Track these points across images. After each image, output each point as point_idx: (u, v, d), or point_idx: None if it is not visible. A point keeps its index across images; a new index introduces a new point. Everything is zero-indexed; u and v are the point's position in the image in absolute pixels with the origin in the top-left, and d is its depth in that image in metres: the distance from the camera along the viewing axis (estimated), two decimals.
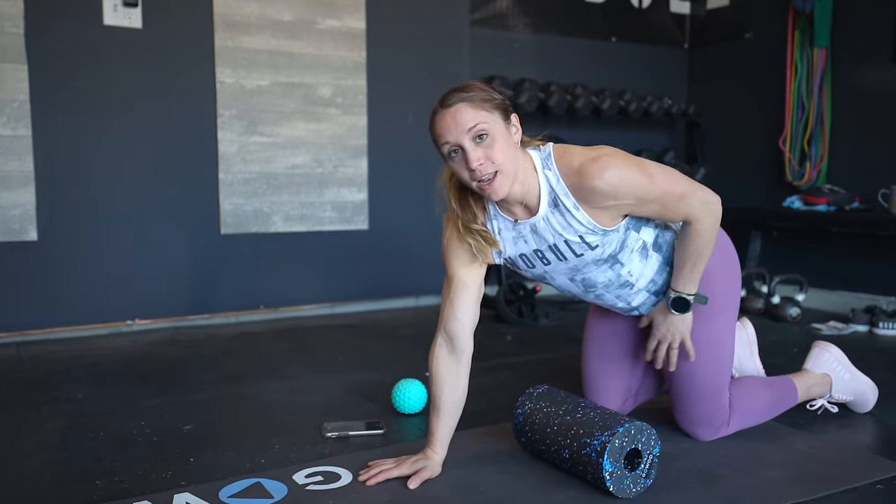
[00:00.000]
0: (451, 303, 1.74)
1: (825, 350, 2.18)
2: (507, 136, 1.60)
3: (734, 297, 1.94)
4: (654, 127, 4.79)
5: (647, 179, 1.65)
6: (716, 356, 1.90)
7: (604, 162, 1.61)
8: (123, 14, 3.18)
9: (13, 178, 3.04)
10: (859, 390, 2.17)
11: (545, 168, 1.66)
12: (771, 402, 2.02)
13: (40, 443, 1.99)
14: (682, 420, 1.97)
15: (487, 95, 1.59)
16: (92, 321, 3.27)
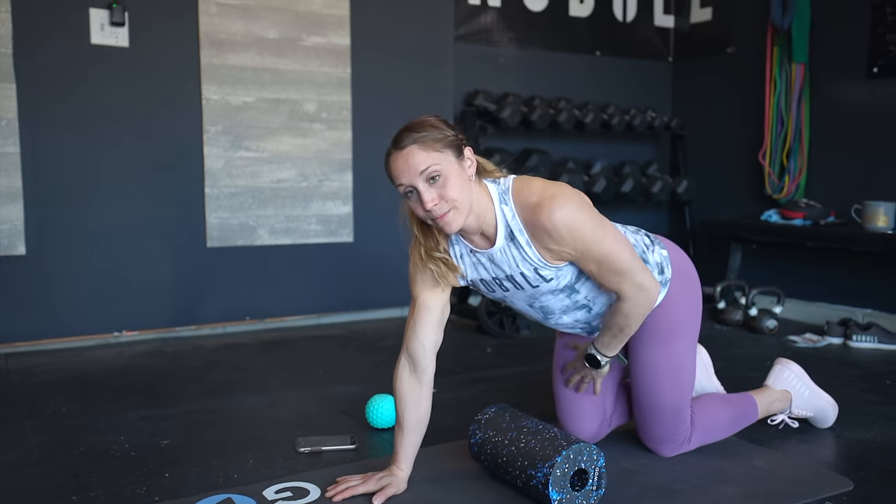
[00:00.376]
0: (413, 325, 1.78)
1: (786, 367, 2.24)
2: (460, 172, 1.62)
3: (695, 319, 1.98)
4: (637, 140, 4.86)
5: (595, 235, 1.66)
6: (675, 377, 1.94)
7: (559, 202, 1.63)
8: (110, 33, 3.25)
9: (2, 195, 3.11)
10: (819, 406, 2.23)
11: (502, 203, 1.69)
12: (731, 418, 2.07)
13: (20, 458, 2.05)
14: (644, 437, 2.02)
15: (440, 134, 1.61)
16: (80, 333, 3.33)
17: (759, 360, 3.16)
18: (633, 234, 1.92)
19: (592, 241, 1.66)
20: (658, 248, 1.92)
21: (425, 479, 1.87)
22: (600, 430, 2.07)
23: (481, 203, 1.68)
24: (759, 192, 4.36)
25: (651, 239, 1.94)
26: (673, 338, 1.93)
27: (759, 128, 4.33)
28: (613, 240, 1.69)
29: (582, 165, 4.46)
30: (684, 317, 1.95)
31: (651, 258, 1.88)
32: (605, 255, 1.67)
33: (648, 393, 1.95)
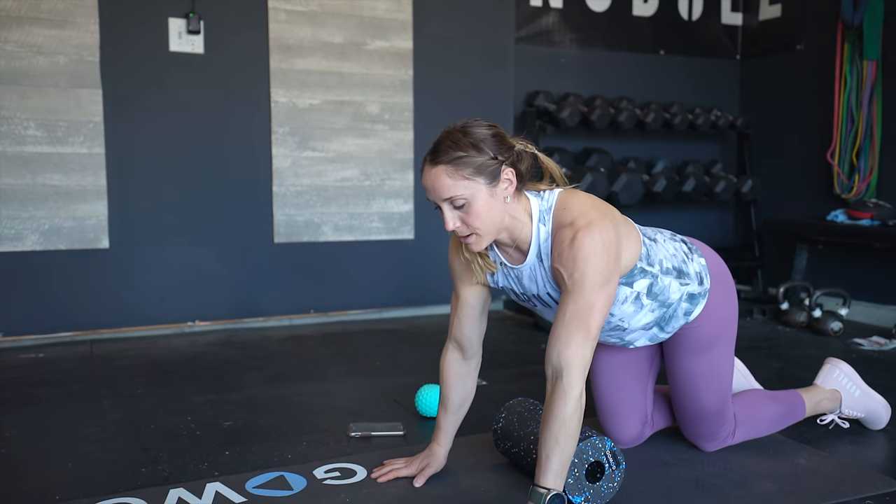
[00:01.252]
0: (458, 319, 1.84)
1: (835, 366, 2.20)
2: (489, 199, 1.57)
3: (732, 325, 1.95)
4: (701, 139, 4.81)
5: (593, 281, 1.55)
6: (715, 383, 1.93)
7: (590, 230, 1.56)
8: (187, 41, 3.45)
9: (88, 192, 3.35)
10: (871, 407, 2.19)
11: (541, 221, 1.65)
12: (777, 414, 2.06)
13: (98, 432, 2.23)
14: (687, 434, 2.04)
15: (476, 159, 1.55)
16: (156, 322, 3.55)
17: (818, 361, 3.07)
18: (671, 240, 1.88)
19: (581, 275, 1.55)
20: (697, 256, 1.89)
21: (467, 465, 1.95)
22: (642, 432, 2.06)
23: (517, 221, 1.65)
24: (827, 192, 4.25)
25: (689, 246, 1.91)
26: (712, 348, 1.92)
27: (827, 126, 4.23)
28: (601, 298, 1.56)
29: (643, 165, 4.45)
30: (722, 326, 1.92)
31: (691, 268, 1.85)
32: (589, 300, 1.55)
33: (689, 399, 1.96)
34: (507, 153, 1.60)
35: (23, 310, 3.30)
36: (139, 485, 1.85)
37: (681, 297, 1.82)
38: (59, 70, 3.25)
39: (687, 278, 1.82)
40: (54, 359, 3.11)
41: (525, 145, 1.66)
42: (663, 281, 1.79)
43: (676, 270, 1.81)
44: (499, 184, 1.58)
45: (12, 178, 3.23)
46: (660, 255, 1.79)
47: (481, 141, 1.57)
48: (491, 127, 1.61)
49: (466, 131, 1.59)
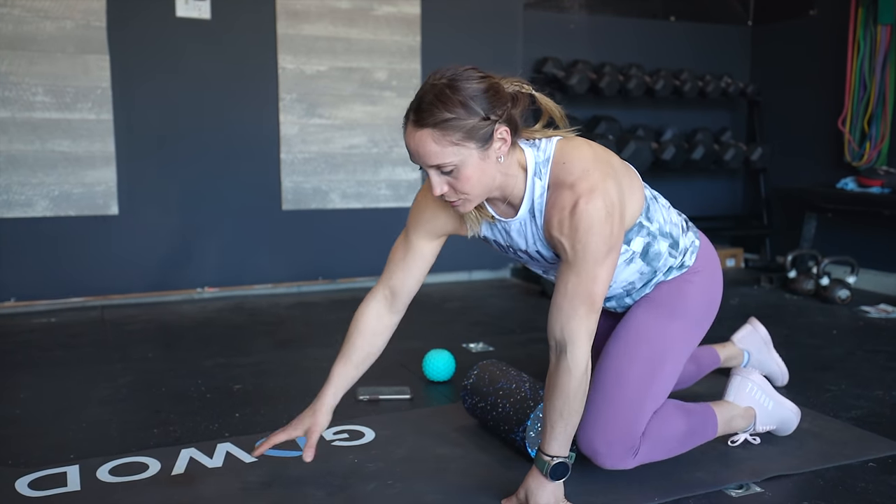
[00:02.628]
0: (405, 265, 1.65)
1: (746, 379, 1.88)
2: (481, 162, 1.41)
3: (703, 315, 1.75)
4: (711, 106, 4.76)
5: (597, 250, 1.43)
6: (654, 360, 1.65)
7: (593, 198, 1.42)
8: (194, 6, 3.43)
9: (97, 158, 3.36)
10: (783, 417, 1.91)
11: (536, 175, 1.49)
12: (687, 431, 1.72)
13: (111, 394, 2.27)
14: (588, 432, 1.62)
15: (466, 122, 1.37)
16: (166, 288, 3.58)
17: (826, 329, 3.11)
18: (673, 210, 1.76)
19: (583, 248, 1.43)
20: (692, 233, 1.76)
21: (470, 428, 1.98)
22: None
23: (510, 177, 1.49)
24: (837, 160, 4.22)
25: (688, 224, 1.78)
26: (670, 315, 1.69)
27: (839, 93, 4.18)
28: (604, 267, 1.45)
29: (652, 133, 4.42)
30: (694, 304, 1.72)
31: (682, 241, 1.70)
32: (592, 272, 1.44)
33: (616, 363, 1.66)
34: (501, 108, 1.40)
35: (34, 275, 3.34)
36: (151, 445, 1.89)
37: (663, 266, 1.69)
38: (67, 35, 3.25)
39: (675, 249, 1.68)
40: (66, 323, 3.15)
41: (521, 85, 1.48)
42: (659, 244, 1.65)
43: (671, 238, 1.67)
44: (492, 145, 1.41)
45: (22, 144, 3.24)
46: (658, 215, 1.65)
47: (472, 98, 1.37)
48: (483, 79, 1.41)
49: (455, 86, 1.38)
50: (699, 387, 2.26)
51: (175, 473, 1.72)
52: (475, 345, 2.82)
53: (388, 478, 1.70)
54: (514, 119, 1.45)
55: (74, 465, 1.74)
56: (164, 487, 1.65)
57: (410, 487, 1.66)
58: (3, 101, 3.19)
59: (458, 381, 2.39)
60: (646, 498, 1.60)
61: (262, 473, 1.73)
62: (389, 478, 1.70)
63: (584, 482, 1.66)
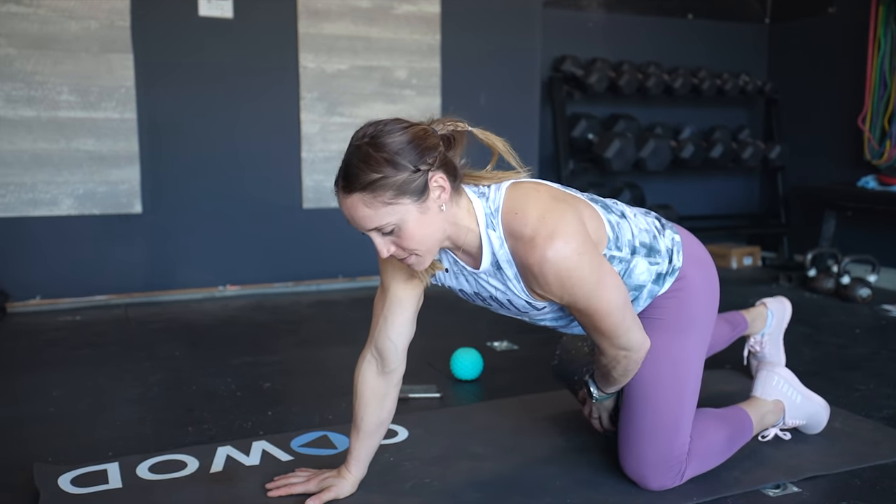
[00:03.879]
0: (384, 319, 1.57)
1: (772, 373, 1.90)
2: (422, 216, 1.35)
3: (707, 317, 1.70)
4: (729, 105, 4.76)
5: (589, 287, 1.39)
6: (679, 380, 1.62)
7: (556, 244, 1.36)
8: (216, 5, 3.45)
9: (121, 157, 3.38)
10: (812, 412, 1.91)
11: (489, 227, 1.42)
12: (727, 440, 1.71)
13: (142, 393, 2.29)
14: (631, 462, 1.64)
15: (393, 178, 1.30)
16: (188, 286, 3.60)
17: (848, 328, 3.11)
18: (644, 215, 1.67)
19: (583, 295, 1.40)
20: (670, 231, 1.66)
21: (507, 427, 1.99)
22: None
23: (460, 228, 1.42)
24: (857, 158, 4.21)
25: (662, 223, 1.68)
26: (681, 332, 1.63)
27: (859, 91, 4.17)
28: (612, 293, 1.42)
29: (670, 131, 4.42)
30: (697, 310, 1.65)
31: (661, 243, 1.61)
32: (595, 310, 1.42)
33: (643, 394, 1.62)
34: (431, 156, 1.33)
35: (59, 273, 3.36)
36: (187, 443, 1.90)
37: (649, 277, 1.59)
38: (91, 35, 3.26)
39: (657, 256, 1.60)
40: (91, 321, 3.17)
41: (455, 125, 1.41)
42: (631, 263, 1.56)
43: (646, 247, 1.58)
44: (429, 195, 1.34)
45: (47, 143, 3.26)
46: (628, 235, 1.56)
47: (397, 153, 1.31)
48: (405, 129, 1.34)
49: (377, 143, 1.32)
50: (730, 387, 2.27)
51: (214, 471, 1.73)
52: (499, 343, 2.83)
53: (425, 476, 1.71)
54: (450, 163, 1.38)
55: (114, 463, 1.76)
56: (205, 485, 1.66)
57: (447, 486, 1.67)
58: (29, 101, 3.21)
59: (485, 380, 2.41)
60: (684, 497, 1.60)
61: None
62: (426, 476, 1.71)
63: (620, 482, 1.67)
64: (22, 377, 2.44)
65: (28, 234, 3.29)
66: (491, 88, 3.99)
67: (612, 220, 1.54)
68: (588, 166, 4.24)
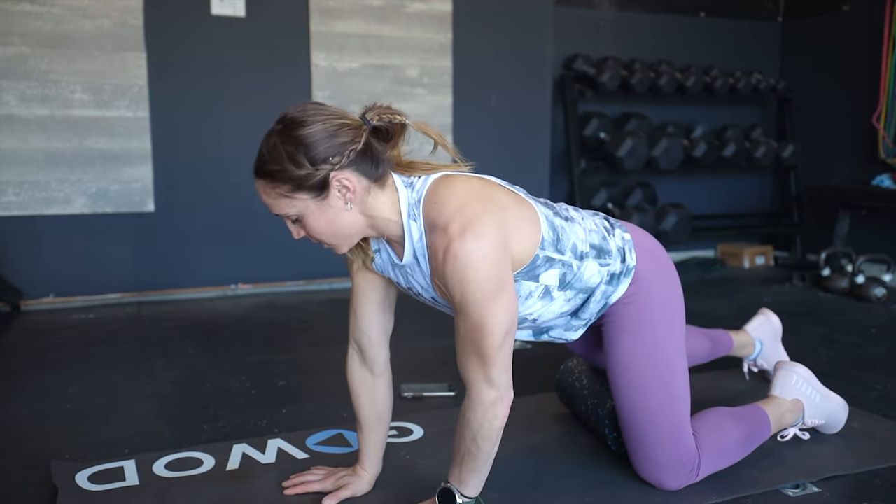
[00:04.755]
0: (353, 312, 1.59)
1: (791, 372, 1.87)
2: (322, 212, 1.35)
3: (673, 308, 1.64)
4: (741, 103, 4.74)
5: (482, 292, 1.32)
6: (666, 379, 1.59)
7: (467, 237, 1.30)
8: (229, 4, 3.45)
9: (134, 156, 3.39)
10: (831, 411, 1.89)
11: (410, 217, 1.39)
12: (743, 438, 1.69)
13: (157, 391, 2.29)
14: (642, 466, 1.63)
15: (288, 174, 1.31)
16: (200, 285, 3.61)
17: (864, 327, 3.09)
18: (592, 216, 1.63)
19: (475, 301, 1.32)
20: (619, 230, 1.62)
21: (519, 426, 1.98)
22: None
23: (380, 220, 1.39)
24: (871, 157, 4.18)
25: (611, 223, 1.64)
26: (649, 327, 1.60)
27: (873, 89, 4.15)
28: (503, 311, 1.33)
29: (682, 129, 4.40)
30: (660, 303, 1.61)
31: (612, 243, 1.58)
32: (481, 323, 1.32)
33: (635, 403, 1.59)
34: (337, 155, 1.30)
35: (72, 271, 3.37)
36: (203, 440, 1.90)
37: (601, 279, 1.56)
38: (104, 34, 3.27)
39: (608, 257, 1.56)
40: (104, 319, 3.18)
41: (391, 116, 1.37)
42: (579, 267, 1.52)
43: (596, 249, 1.54)
44: (329, 193, 1.33)
45: (61, 142, 3.27)
46: (573, 239, 1.51)
47: (301, 146, 1.30)
48: (323, 121, 1.32)
49: (287, 134, 1.32)
50: (742, 385, 2.26)
51: (230, 469, 1.73)
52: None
53: (442, 475, 1.69)
54: (372, 156, 1.34)
55: (130, 460, 1.76)
56: (221, 482, 1.66)
57: None
58: (43, 99, 3.22)
59: None
60: (703, 497, 1.59)
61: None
62: (444, 474, 1.69)
63: (638, 480, 1.66)
64: (37, 375, 2.45)
65: (42, 232, 3.30)
66: (502, 87, 3.98)
67: (555, 222, 1.49)
68: (600, 165, 4.23)
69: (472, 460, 1.41)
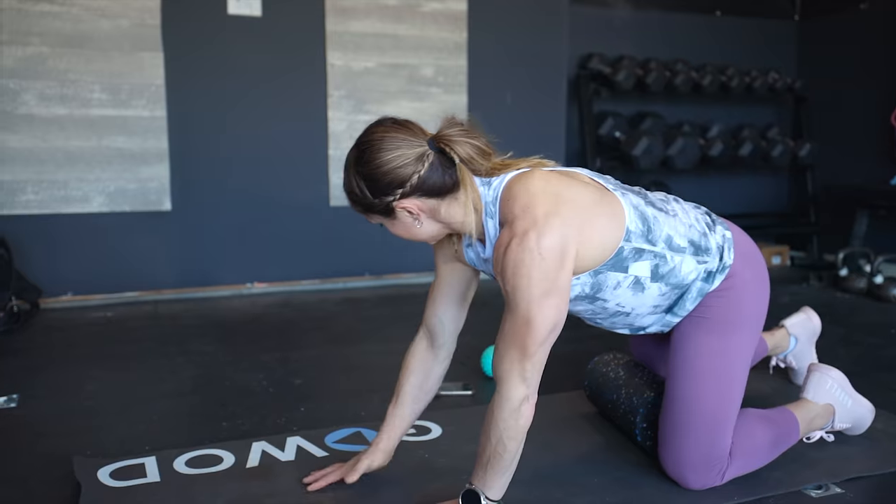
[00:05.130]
0: (433, 299, 1.65)
1: (826, 375, 1.84)
2: (394, 224, 1.45)
3: (758, 316, 1.66)
4: (757, 102, 4.71)
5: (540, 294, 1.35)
6: (723, 378, 1.59)
7: (528, 237, 1.35)
8: (245, 3, 3.46)
9: (151, 155, 3.41)
10: (859, 415, 1.88)
11: (488, 215, 1.45)
12: (773, 442, 1.69)
13: (176, 388, 2.30)
14: (671, 461, 1.62)
15: (360, 199, 1.42)
16: (217, 283, 3.62)
17: (884, 328, 3.07)
18: (694, 209, 1.65)
19: (517, 295, 1.36)
20: (721, 227, 1.63)
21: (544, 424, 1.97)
22: None
23: (455, 223, 1.46)
24: (889, 156, 4.15)
25: (713, 219, 1.66)
26: (730, 331, 1.60)
27: (891, 88, 4.11)
28: (551, 312, 1.36)
29: (698, 129, 4.38)
30: (748, 310, 1.62)
31: (712, 241, 1.59)
32: (525, 315, 1.36)
33: (686, 392, 1.59)
34: (399, 187, 1.37)
35: (90, 270, 3.39)
36: (222, 437, 1.91)
37: (698, 275, 1.57)
38: (122, 33, 3.29)
39: (706, 255, 1.56)
40: (122, 318, 3.20)
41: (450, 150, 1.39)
42: (673, 259, 1.53)
43: (693, 245, 1.55)
44: (396, 216, 1.43)
45: (79, 141, 3.30)
46: (667, 230, 1.52)
47: (364, 180, 1.38)
48: (393, 149, 1.37)
49: (357, 161, 1.40)
50: (766, 387, 2.24)
51: (250, 466, 1.74)
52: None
53: (462, 473, 1.70)
54: (430, 185, 1.39)
55: (151, 457, 1.77)
56: (242, 480, 1.67)
57: None
58: (62, 99, 3.24)
59: None
60: (725, 497, 1.58)
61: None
62: (463, 473, 1.70)
63: (660, 480, 1.65)
64: (58, 372, 2.46)
65: (60, 230, 3.32)
66: (517, 86, 3.97)
67: (646, 213, 1.52)
68: (615, 164, 4.21)
69: (497, 461, 1.42)
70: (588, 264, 1.46)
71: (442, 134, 1.42)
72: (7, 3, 3.13)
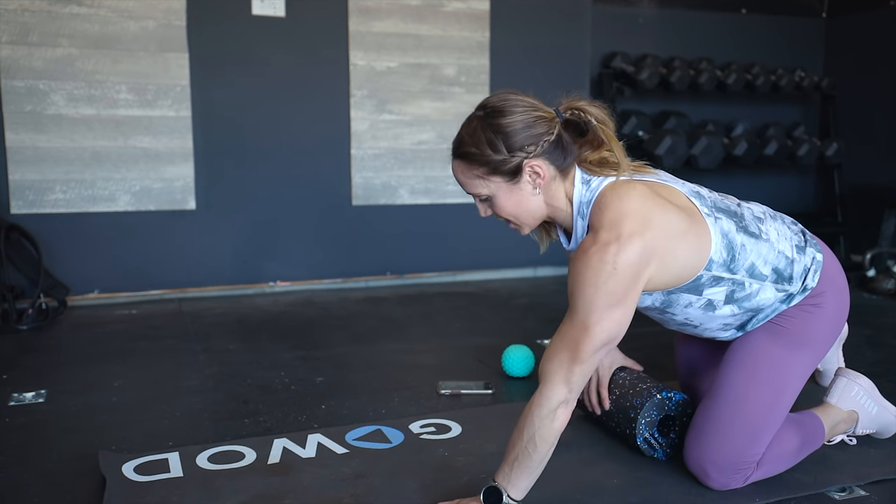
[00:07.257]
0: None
1: (854, 382, 1.81)
2: (511, 193, 1.46)
3: (828, 340, 1.65)
4: (783, 101, 4.66)
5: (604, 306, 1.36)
6: (778, 389, 1.58)
7: (610, 248, 1.36)
8: (269, 4, 3.49)
9: (176, 154, 3.45)
10: (885, 422, 1.85)
11: (579, 214, 1.48)
12: (800, 446, 1.67)
13: (199, 385, 2.33)
14: (698, 457, 1.59)
15: (484, 158, 1.42)
16: (239, 282, 3.66)
17: None
18: (790, 226, 1.63)
19: (581, 301, 1.37)
20: (812, 250, 1.61)
21: None
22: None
23: (558, 210, 1.51)
24: None
25: (807, 238, 1.63)
26: (798, 348, 1.59)
27: None
28: (607, 324, 1.37)
29: (723, 128, 4.35)
30: (822, 332, 1.61)
31: (798, 266, 1.58)
32: (584, 322, 1.38)
33: (736, 391, 1.57)
34: (533, 144, 1.41)
35: (116, 268, 3.44)
36: (244, 434, 1.93)
37: (776, 300, 1.57)
38: (149, 34, 3.33)
39: (787, 283, 1.56)
40: (147, 315, 3.24)
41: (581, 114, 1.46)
42: (752, 286, 1.54)
43: (776, 272, 1.55)
44: (521, 178, 1.44)
45: (106, 141, 3.35)
46: (752, 258, 1.52)
47: (500, 133, 1.41)
48: (523, 111, 1.42)
49: (487, 121, 1.42)
50: None
51: (271, 462, 1.75)
52: (549, 340, 2.81)
53: (481, 472, 1.71)
54: (563, 147, 1.45)
55: (174, 452, 1.79)
56: (263, 476, 1.68)
57: None
58: (89, 99, 3.29)
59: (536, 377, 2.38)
60: (747, 498, 1.57)
61: (355, 465, 1.75)
62: (482, 472, 1.71)
63: (681, 481, 1.64)
64: (86, 368, 2.50)
65: (87, 229, 3.37)
66: (540, 85, 3.92)
67: (735, 241, 1.51)
68: None
69: (526, 459, 1.40)
70: (662, 287, 1.49)
71: (572, 103, 1.48)
72: (37, 6, 3.19)
